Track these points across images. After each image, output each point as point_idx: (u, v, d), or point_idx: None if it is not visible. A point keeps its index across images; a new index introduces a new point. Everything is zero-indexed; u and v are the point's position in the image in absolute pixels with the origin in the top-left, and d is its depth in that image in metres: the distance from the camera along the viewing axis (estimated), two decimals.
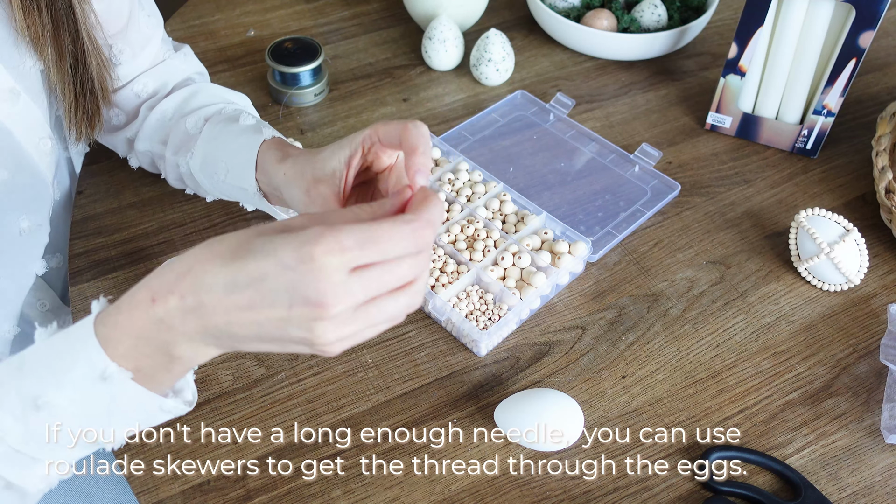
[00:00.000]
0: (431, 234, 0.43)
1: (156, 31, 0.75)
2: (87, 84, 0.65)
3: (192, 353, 0.46)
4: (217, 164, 0.69)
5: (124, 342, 0.45)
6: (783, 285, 0.77)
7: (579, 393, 0.68)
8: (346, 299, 0.40)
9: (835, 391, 0.69)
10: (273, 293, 0.40)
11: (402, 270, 0.42)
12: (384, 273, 0.41)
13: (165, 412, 0.49)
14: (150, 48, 0.74)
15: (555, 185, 0.85)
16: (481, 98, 0.96)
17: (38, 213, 0.69)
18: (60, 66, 0.63)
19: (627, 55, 1.00)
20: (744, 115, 0.90)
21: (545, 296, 0.75)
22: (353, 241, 0.40)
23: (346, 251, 0.40)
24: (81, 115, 0.67)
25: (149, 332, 0.44)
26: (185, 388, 0.52)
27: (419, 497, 0.62)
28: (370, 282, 0.41)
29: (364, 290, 0.41)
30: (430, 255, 0.44)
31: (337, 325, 0.41)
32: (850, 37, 0.80)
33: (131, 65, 0.73)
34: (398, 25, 1.06)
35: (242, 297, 0.41)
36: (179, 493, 0.61)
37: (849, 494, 0.63)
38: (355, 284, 0.40)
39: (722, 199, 0.85)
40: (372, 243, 0.40)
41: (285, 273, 0.40)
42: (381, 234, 0.41)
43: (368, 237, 0.40)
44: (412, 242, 0.42)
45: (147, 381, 0.46)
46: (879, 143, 0.82)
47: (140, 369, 0.46)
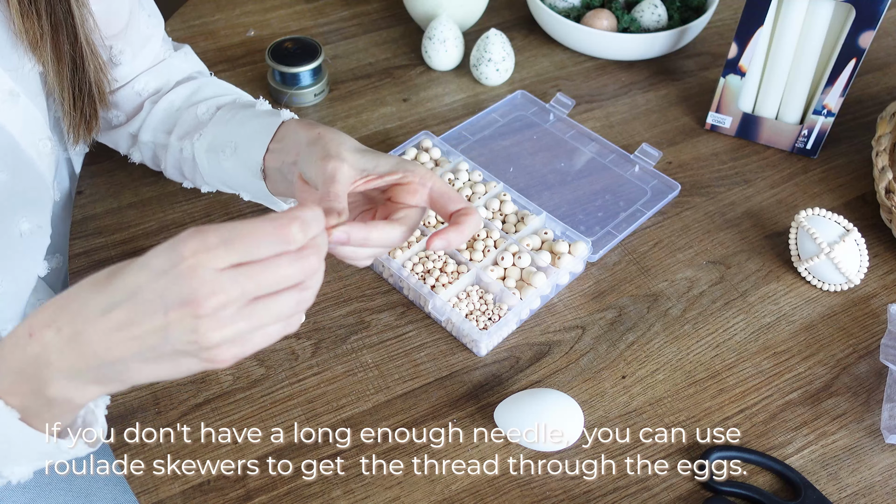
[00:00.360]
0: (298, 231, 0.42)
1: (156, 30, 0.75)
2: (85, 88, 0.65)
3: (70, 392, 0.45)
4: (226, 144, 0.69)
5: (7, 377, 0.45)
6: (783, 285, 0.77)
7: (579, 393, 0.68)
8: (218, 295, 0.40)
9: (835, 391, 0.69)
10: (148, 303, 0.41)
11: (281, 269, 0.42)
12: (259, 271, 0.41)
13: (64, 452, 0.49)
14: (151, 47, 0.74)
15: (555, 185, 0.85)
16: (481, 98, 0.96)
17: (38, 214, 0.68)
18: (59, 69, 0.63)
19: (627, 55, 1.00)
20: (744, 115, 0.90)
21: (545, 296, 0.75)
22: (218, 239, 0.40)
23: (212, 248, 0.40)
24: (79, 119, 0.67)
25: (26, 368, 0.44)
26: (94, 423, 0.51)
27: (419, 497, 0.62)
28: (243, 278, 0.41)
29: (237, 287, 0.41)
30: (316, 256, 0.43)
31: (218, 324, 0.41)
32: (850, 37, 0.80)
33: (131, 65, 0.73)
34: (398, 25, 1.06)
35: (119, 315, 0.41)
36: (179, 493, 0.61)
37: (849, 494, 0.63)
38: (227, 281, 0.40)
39: (722, 199, 0.85)
40: (237, 240, 0.40)
41: (158, 279, 0.40)
42: (244, 231, 0.41)
43: (232, 234, 0.40)
44: (276, 239, 0.41)
45: (35, 420, 0.46)
46: (879, 143, 0.82)
47: (26, 408, 0.45)
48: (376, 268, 0.77)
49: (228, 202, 0.82)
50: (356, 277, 0.77)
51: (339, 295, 0.75)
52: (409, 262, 0.74)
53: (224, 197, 0.83)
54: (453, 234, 0.54)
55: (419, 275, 0.73)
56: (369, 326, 0.73)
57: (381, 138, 0.91)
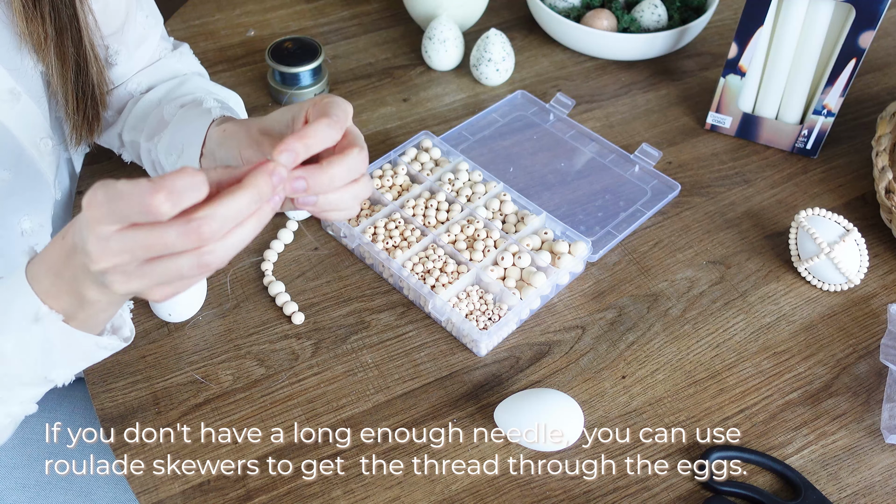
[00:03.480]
0: (164, 202, 0.41)
1: (153, 30, 0.75)
2: (88, 90, 0.65)
3: (98, 294, 0.48)
4: (174, 146, 0.68)
5: (48, 278, 0.49)
6: (783, 285, 0.77)
7: (579, 393, 0.68)
8: (108, 256, 0.43)
9: (835, 391, 0.69)
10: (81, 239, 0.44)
11: (168, 237, 0.42)
12: (145, 237, 0.42)
13: (103, 349, 0.53)
14: (147, 47, 0.74)
15: (555, 185, 0.85)
16: (481, 98, 0.96)
17: (40, 213, 0.69)
18: (63, 72, 0.63)
19: (627, 55, 1.00)
20: (744, 115, 0.90)
21: (545, 296, 0.75)
22: (104, 197, 0.41)
23: (98, 207, 0.41)
24: (82, 121, 0.67)
25: (61, 266, 0.48)
26: (123, 325, 0.55)
27: (419, 497, 0.62)
28: (130, 242, 0.42)
29: (125, 251, 0.43)
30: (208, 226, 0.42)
31: (123, 278, 0.44)
32: (850, 37, 0.80)
33: (127, 65, 0.73)
34: (398, 25, 1.06)
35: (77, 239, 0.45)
36: (179, 493, 0.61)
37: (849, 494, 0.63)
38: (114, 243, 0.42)
39: (722, 199, 0.85)
40: (115, 202, 0.41)
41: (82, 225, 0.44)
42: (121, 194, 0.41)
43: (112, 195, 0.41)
44: (141, 209, 0.41)
45: (73, 323, 0.50)
46: (879, 143, 0.82)
47: (65, 311, 0.50)
48: (376, 268, 0.77)
49: None
50: (356, 277, 0.77)
51: (339, 295, 0.75)
52: (409, 262, 0.74)
53: None
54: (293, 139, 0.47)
55: (419, 275, 0.73)
56: (369, 326, 0.73)
57: (382, 138, 0.91)
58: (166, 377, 0.68)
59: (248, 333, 0.72)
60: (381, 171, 0.83)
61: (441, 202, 0.79)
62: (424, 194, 0.80)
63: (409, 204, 0.79)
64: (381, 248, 0.75)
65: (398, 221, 0.77)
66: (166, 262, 0.43)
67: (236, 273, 0.76)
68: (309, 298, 0.74)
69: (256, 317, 0.73)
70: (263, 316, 0.73)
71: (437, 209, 0.79)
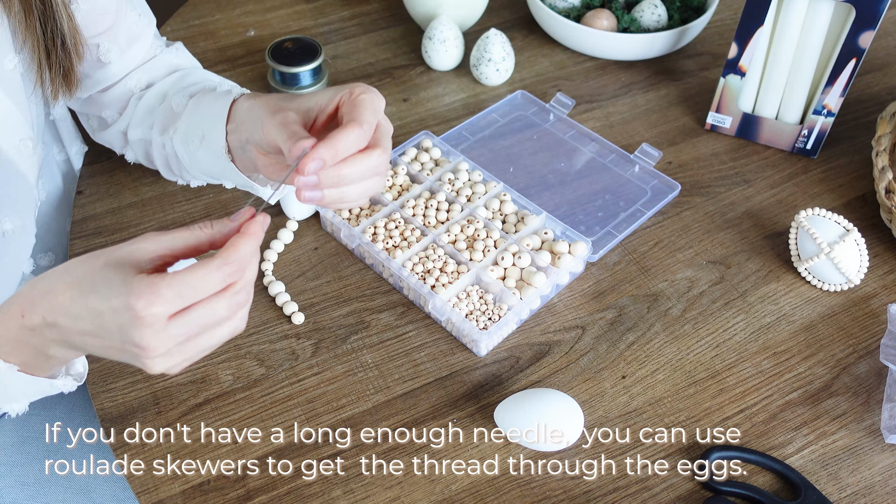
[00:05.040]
0: (241, 273, 0.47)
1: (146, 29, 0.74)
2: (59, 40, 0.64)
3: (64, 353, 0.51)
4: (194, 134, 0.69)
5: (6, 346, 0.51)
6: (783, 285, 0.77)
7: (579, 393, 0.68)
8: (166, 342, 0.45)
9: (835, 391, 0.69)
10: (108, 330, 0.46)
11: (220, 311, 0.47)
12: (202, 316, 0.46)
13: (57, 388, 0.56)
14: (141, 45, 0.74)
15: (555, 185, 0.85)
16: (481, 98, 0.96)
17: (21, 214, 0.68)
18: (29, 23, 0.62)
19: (627, 55, 1.00)
20: (744, 115, 0.90)
21: (545, 296, 0.75)
22: (172, 293, 0.44)
23: (166, 303, 0.44)
24: (56, 72, 0.65)
25: (23, 338, 0.50)
26: (77, 362, 0.58)
27: (419, 497, 0.62)
28: (188, 326, 0.46)
29: (183, 333, 0.46)
30: (247, 289, 0.48)
31: (164, 359, 0.46)
32: (850, 37, 0.80)
33: (120, 63, 0.73)
34: (398, 25, 1.06)
35: (86, 326, 0.47)
36: (179, 493, 0.61)
37: (849, 494, 0.63)
38: (174, 329, 0.45)
39: (722, 199, 0.85)
40: (188, 292, 0.45)
41: (116, 316, 0.45)
42: (195, 284, 0.45)
43: (183, 289, 0.45)
44: (223, 284, 0.46)
45: (33, 370, 0.53)
46: (879, 143, 0.82)
47: (24, 363, 0.52)
48: (376, 268, 0.77)
49: (228, 202, 0.82)
50: (356, 277, 0.77)
51: (339, 295, 0.75)
52: (410, 262, 0.74)
53: (224, 197, 0.83)
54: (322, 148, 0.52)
55: (419, 275, 0.73)
56: (369, 326, 0.73)
57: None
58: (166, 377, 0.68)
59: (248, 333, 0.72)
60: None
61: (441, 202, 0.79)
62: (424, 194, 0.80)
63: (409, 204, 0.79)
64: (381, 248, 0.75)
65: (398, 221, 0.77)
66: (209, 333, 0.47)
67: None
68: (309, 298, 0.74)
69: (256, 317, 0.73)
70: (263, 316, 0.73)
71: (437, 209, 0.79)
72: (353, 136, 0.52)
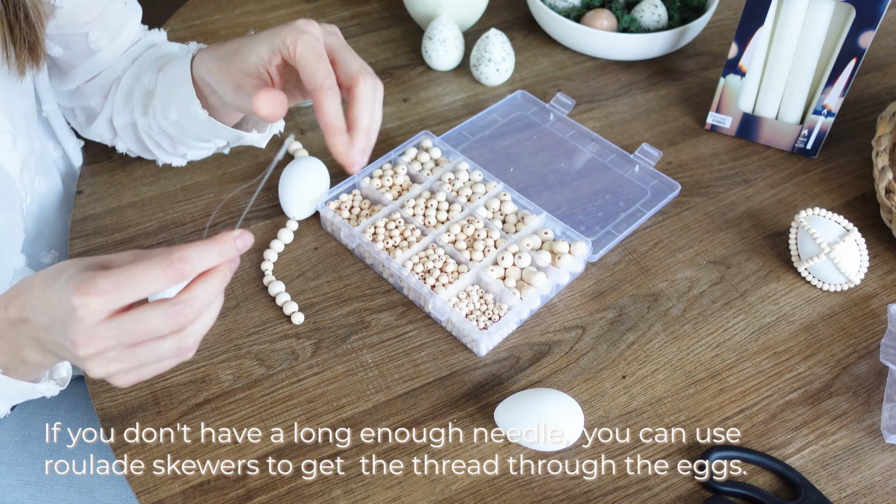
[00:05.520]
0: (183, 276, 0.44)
1: (132, 16, 0.75)
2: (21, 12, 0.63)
3: (37, 356, 0.50)
4: (170, 106, 0.69)
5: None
6: (783, 285, 0.77)
7: (579, 393, 0.68)
8: (96, 343, 0.44)
9: (835, 391, 0.69)
10: (56, 323, 0.46)
11: (153, 323, 0.44)
12: (135, 321, 0.44)
13: (39, 392, 0.56)
14: (129, 31, 0.75)
15: (555, 185, 0.85)
16: (481, 98, 0.96)
17: (7, 210, 0.68)
18: None
19: (627, 55, 1.00)
20: (744, 115, 0.90)
21: (545, 296, 0.75)
22: (109, 285, 0.43)
23: (100, 294, 0.43)
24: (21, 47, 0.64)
25: (3, 332, 0.50)
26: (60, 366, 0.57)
27: (419, 497, 0.62)
28: (120, 329, 0.44)
29: (112, 337, 0.44)
30: (190, 309, 0.45)
31: (100, 362, 0.45)
32: (850, 37, 0.80)
33: (109, 50, 0.74)
34: (398, 25, 1.06)
35: (43, 319, 0.46)
36: (179, 493, 0.61)
37: (849, 494, 0.63)
38: (106, 330, 0.44)
39: (722, 199, 0.85)
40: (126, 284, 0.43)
41: (61, 308, 0.44)
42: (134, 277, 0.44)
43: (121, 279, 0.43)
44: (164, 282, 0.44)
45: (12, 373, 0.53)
46: (879, 143, 0.82)
47: (4, 365, 0.52)
48: (376, 268, 0.77)
49: (228, 203, 0.82)
50: (356, 277, 0.77)
51: (339, 295, 0.75)
52: (409, 262, 0.74)
53: (224, 197, 0.83)
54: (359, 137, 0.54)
55: (419, 275, 0.73)
56: (369, 326, 0.73)
57: (381, 138, 0.90)
58: (166, 377, 0.68)
59: (248, 333, 0.72)
60: (381, 170, 0.83)
61: (441, 202, 0.79)
62: (424, 194, 0.80)
63: (409, 204, 0.79)
64: (381, 247, 0.75)
65: (398, 221, 0.77)
66: (149, 346, 0.45)
67: (236, 273, 0.76)
68: (309, 298, 0.74)
69: (256, 317, 0.73)
70: (263, 316, 0.73)
71: (437, 209, 0.79)
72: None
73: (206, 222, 0.75)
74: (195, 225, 0.80)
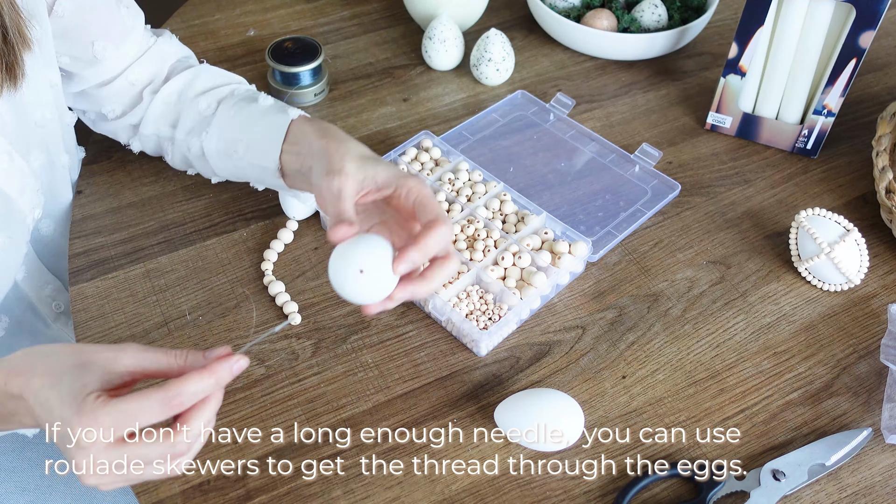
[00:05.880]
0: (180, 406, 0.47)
1: (135, 21, 0.75)
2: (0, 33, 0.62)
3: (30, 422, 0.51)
4: (236, 143, 0.70)
5: None
6: (783, 285, 0.77)
7: (579, 393, 0.68)
8: (91, 466, 0.46)
9: (835, 391, 0.69)
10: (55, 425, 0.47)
11: (153, 452, 0.47)
12: (131, 452, 0.46)
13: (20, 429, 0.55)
14: (134, 38, 0.75)
15: (555, 185, 0.85)
16: (481, 98, 0.96)
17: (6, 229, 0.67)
18: None
19: (627, 55, 1.00)
20: (744, 115, 0.90)
21: (545, 296, 0.75)
22: (109, 420, 0.45)
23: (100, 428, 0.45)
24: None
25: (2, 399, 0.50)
26: None
27: (419, 497, 0.62)
28: (115, 457, 0.46)
29: (110, 462, 0.46)
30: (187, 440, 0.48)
31: (96, 478, 0.47)
32: (850, 37, 0.80)
33: (115, 57, 0.74)
34: (398, 25, 1.06)
35: (43, 415, 0.48)
36: (179, 493, 0.61)
37: (849, 494, 0.63)
38: (104, 456, 0.46)
39: (722, 199, 0.85)
40: (125, 419, 0.45)
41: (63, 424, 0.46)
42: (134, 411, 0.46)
43: (120, 416, 0.45)
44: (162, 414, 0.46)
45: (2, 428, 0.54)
46: (879, 143, 0.82)
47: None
48: None
49: (228, 203, 0.82)
50: None
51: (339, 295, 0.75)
52: None
53: (224, 197, 0.83)
54: (413, 251, 0.54)
55: None
56: (369, 326, 0.73)
57: (381, 138, 0.90)
58: None
59: (248, 333, 0.72)
60: None
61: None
62: None
63: None
64: None
65: None
66: (141, 470, 0.47)
67: (236, 273, 0.76)
68: (309, 298, 0.74)
69: (256, 317, 0.73)
70: (263, 316, 0.73)
71: None
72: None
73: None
74: (195, 225, 0.80)
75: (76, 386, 0.46)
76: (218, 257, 0.77)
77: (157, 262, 0.77)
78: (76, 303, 0.73)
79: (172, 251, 0.78)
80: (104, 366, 0.48)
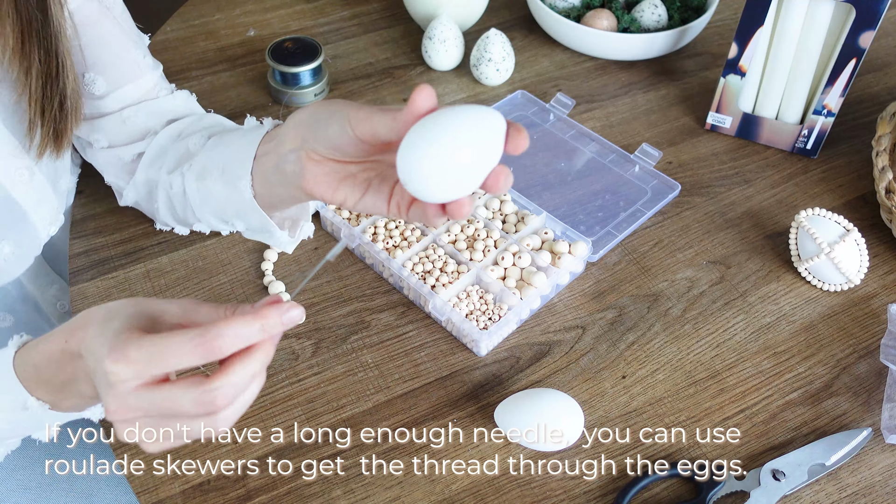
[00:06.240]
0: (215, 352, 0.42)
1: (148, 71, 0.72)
2: (57, 99, 0.61)
3: (92, 392, 0.49)
4: (213, 168, 0.65)
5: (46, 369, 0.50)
6: (783, 285, 0.77)
7: (579, 393, 0.68)
8: (123, 410, 0.43)
9: (835, 391, 0.69)
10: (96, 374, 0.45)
11: (183, 406, 0.43)
12: (163, 399, 0.43)
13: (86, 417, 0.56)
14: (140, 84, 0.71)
15: (555, 185, 0.85)
16: (481, 98, 0.96)
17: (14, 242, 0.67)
18: (26, 81, 0.59)
19: (627, 55, 1.00)
20: (744, 115, 0.90)
21: (545, 296, 0.75)
22: (140, 354, 0.42)
23: (130, 363, 0.42)
24: (47, 132, 0.63)
25: (63, 362, 0.49)
26: None
27: (419, 497, 0.62)
28: (148, 403, 0.43)
29: (142, 408, 0.43)
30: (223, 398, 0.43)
31: (128, 427, 0.44)
32: (850, 37, 0.80)
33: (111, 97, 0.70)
34: (398, 25, 1.06)
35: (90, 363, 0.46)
36: (179, 493, 0.61)
37: (849, 494, 0.63)
38: (134, 401, 0.43)
39: (722, 199, 0.85)
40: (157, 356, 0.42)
41: (98, 365, 0.44)
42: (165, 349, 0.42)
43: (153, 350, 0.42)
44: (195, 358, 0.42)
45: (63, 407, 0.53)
46: (879, 143, 0.82)
47: (54, 401, 0.52)
48: (376, 268, 0.77)
49: None
50: (356, 277, 0.77)
51: (339, 295, 0.75)
52: (409, 262, 0.74)
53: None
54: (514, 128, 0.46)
55: (419, 275, 0.73)
56: (369, 326, 0.73)
57: None
58: None
59: None
60: None
61: None
62: None
63: None
64: (381, 248, 0.75)
65: (398, 221, 0.77)
66: (177, 422, 0.44)
67: (236, 273, 0.76)
68: (309, 298, 0.74)
69: None
70: None
71: None
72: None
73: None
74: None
75: (115, 327, 0.44)
76: (218, 257, 0.78)
77: (157, 263, 0.77)
78: (77, 303, 0.73)
79: (173, 251, 0.78)
80: (154, 316, 0.46)
